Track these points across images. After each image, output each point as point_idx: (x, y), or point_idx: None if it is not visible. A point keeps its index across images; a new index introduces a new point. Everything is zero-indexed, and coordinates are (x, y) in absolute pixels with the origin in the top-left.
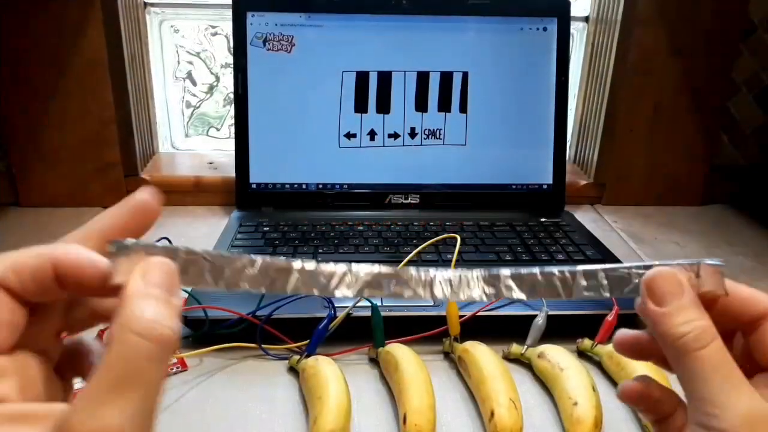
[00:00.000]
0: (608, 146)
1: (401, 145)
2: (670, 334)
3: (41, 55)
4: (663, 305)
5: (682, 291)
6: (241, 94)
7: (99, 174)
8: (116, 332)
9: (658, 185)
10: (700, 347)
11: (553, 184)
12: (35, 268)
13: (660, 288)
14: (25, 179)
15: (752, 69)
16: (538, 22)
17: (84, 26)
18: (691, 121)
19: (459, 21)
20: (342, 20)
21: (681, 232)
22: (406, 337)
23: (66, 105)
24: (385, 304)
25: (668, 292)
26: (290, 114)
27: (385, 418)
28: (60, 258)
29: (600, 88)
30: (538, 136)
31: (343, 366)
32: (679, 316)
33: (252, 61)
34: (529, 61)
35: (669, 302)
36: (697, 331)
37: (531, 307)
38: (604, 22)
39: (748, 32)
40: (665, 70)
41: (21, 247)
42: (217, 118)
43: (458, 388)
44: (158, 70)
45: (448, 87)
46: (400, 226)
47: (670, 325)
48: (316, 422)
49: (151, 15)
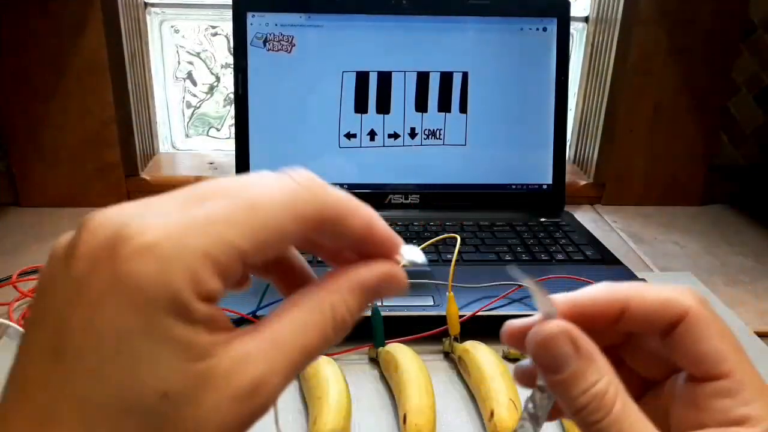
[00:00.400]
0: (608, 146)
1: (401, 145)
2: (569, 407)
3: (41, 55)
4: (557, 373)
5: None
6: (241, 95)
7: (99, 174)
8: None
9: (658, 185)
10: (602, 417)
11: (552, 184)
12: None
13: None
14: (25, 179)
15: (752, 69)
16: (538, 22)
17: (84, 26)
18: (691, 121)
19: (459, 21)
20: (342, 20)
21: (681, 232)
22: (406, 337)
23: (66, 105)
24: (385, 304)
25: (561, 357)
26: (290, 114)
27: (385, 418)
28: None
29: (600, 88)
30: (538, 136)
31: (343, 366)
32: (574, 387)
33: (252, 61)
34: (529, 61)
35: (561, 369)
36: (598, 394)
37: (530, 307)
38: (604, 21)
39: (748, 32)
40: (665, 70)
41: (21, 248)
42: (218, 118)
43: (458, 388)
44: (158, 70)
45: (448, 87)
46: (400, 226)
47: (566, 397)
48: (316, 422)
49: (151, 15)
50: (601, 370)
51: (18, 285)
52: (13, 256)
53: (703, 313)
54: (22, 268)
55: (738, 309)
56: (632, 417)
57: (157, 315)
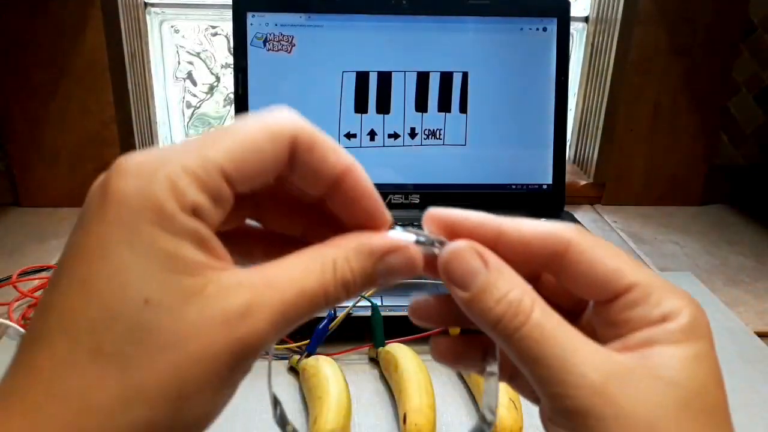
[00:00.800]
0: (608, 146)
1: (401, 145)
2: (486, 320)
3: (41, 55)
4: (467, 289)
5: (483, 262)
6: (241, 95)
7: (99, 174)
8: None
9: (658, 185)
10: (520, 324)
11: (552, 184)
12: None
13: (460, 269)
14: (25, 179)
15: (752, 69)
16: (538, 23)
17: (84, 26)
18: (691, 121)
19: (459, 21)
20: (342, 20)
21: (681, 232)
22: (406, 337)
23: (66, 105)
24: (385, 304)
25: (469, 271)
26: None
27: (385, 417)
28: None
29: (600, 88)
30: (538, 136)
31: (343, 366)
32: (489, 296)
33: (252, 61)
34: (529, 61)
35: (474, 279)
36: (513, 301)
37: None
38: (604, 21)
39: (748, 32)
40: (665, 70)
41: (21, 248)
42: (218, 118)
43: (458, 388)
44: (158, 70)
45: (448, 87)
46: (400, 226)
47: (482, 310)
48: (316, 422)
49: (151, 15)
50: (512, 281)
51: (18, 285)
52: (13, 256)
53: (585, 239)
54: (22, 268)
55: (738, 309)
56: (554, 321)
57: (141, 225)
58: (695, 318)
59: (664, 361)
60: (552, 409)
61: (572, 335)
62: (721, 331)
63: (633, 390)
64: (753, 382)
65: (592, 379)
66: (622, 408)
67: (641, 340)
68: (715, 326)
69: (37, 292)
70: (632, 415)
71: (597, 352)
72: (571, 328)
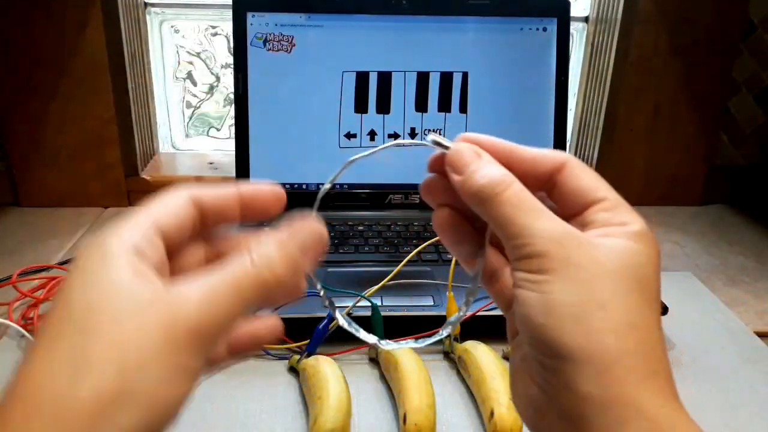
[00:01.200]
0: (608, 146)
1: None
2: (472, 190)
3: (41, 55)
4: (462, 173)
5: (477, 156)
6: (241, 95)
7: (99, 174)
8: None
9: (658, 185)
10: (500, 191)
11: None
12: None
13: (459, 160)
14: (25, 179)
15: (752, 69)
16: (538, 23)
17: (84, 26)
18: (691, 121)
19: (459, 21)
20: (342, 20)
21: (681, 232)
22: (406, 337)
23: (66, 105)
24: (385, 304)
25: (465, 162)
26: (290, 114)
27: (385, 417)
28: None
29: (600, 88)
30: (538, 136)
31: (343, 366)
32: (476, 174)
33: (252, 61)
34: (529, 61)
35: (468, 166)
36: (494, 178)
37: None
38: (604, 21)
39: (748, 32)
40: (665, 70)
41: (21, 248)
42: (218, 118)
43: (458, 388)
44: (158, 70)
45: (448, 87)
46: (400, 226)
47: (470, 184)
48: (316, 422)
49: (151, 15)
50: (498, 168)
51: (18, 285)
52: (13, 256)
53: (578, 162)
54: (22, 268)
55: (738, 309)
56: (528, 195)
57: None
58: (646, 231)
59: (614, 242)
60: (516, 258)
61: (542, 207)
62: (721, 331)
63: (584, 249)
64: (753, 382)
65: (552, 231)
66: (572, 256)
67: (600, 232)
68: (715, 326)
69: (37, 292)
70: (578, 263)
71: (561, 221)
72: (539, 203)
